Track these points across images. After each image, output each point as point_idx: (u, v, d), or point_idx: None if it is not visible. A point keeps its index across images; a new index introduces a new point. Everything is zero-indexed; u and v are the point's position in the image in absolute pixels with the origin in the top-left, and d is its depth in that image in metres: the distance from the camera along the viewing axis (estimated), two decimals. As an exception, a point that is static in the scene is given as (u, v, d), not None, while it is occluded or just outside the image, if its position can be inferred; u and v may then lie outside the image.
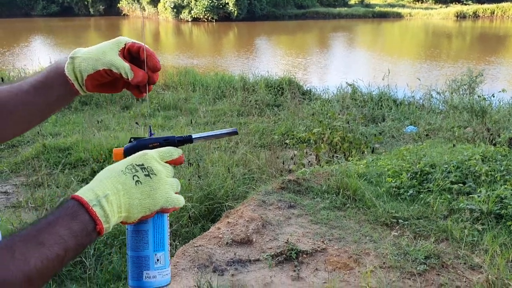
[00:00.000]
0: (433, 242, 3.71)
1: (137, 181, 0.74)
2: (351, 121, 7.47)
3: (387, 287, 3.14)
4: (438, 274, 3.33)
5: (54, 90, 0.93)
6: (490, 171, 4.77)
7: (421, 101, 10.25)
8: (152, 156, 0.77)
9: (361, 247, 3.64)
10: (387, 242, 3.70)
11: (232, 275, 3.29)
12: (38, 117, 0.97)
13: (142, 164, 0.76)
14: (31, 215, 5.05)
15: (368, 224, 4.04)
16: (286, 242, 3.64)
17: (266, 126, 8.68)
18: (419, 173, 4.85)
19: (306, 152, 7.34)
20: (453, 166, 4.90)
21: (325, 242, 3.70)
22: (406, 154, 5.50)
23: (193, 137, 0.87)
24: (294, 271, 3.33)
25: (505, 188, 4.35)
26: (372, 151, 6.80)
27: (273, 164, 6.36)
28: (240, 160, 6.62)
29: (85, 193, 0.71)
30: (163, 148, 0.81)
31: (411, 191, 4.56)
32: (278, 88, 11.31)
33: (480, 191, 4.39)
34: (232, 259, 3.44)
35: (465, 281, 3.25)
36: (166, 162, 0.80)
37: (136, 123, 7.94)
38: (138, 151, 0.79)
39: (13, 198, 5.82)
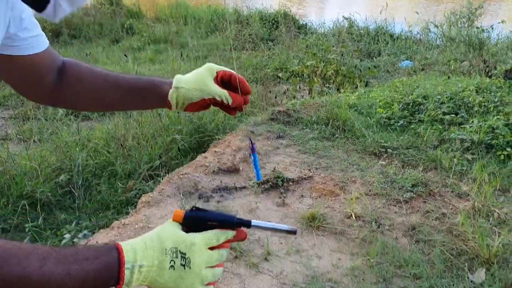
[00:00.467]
0: (421, 171, 3.68)
1: (172, 266, 0.78)
2: (346, 54, 7.27)
3: (372, 213, 3.14)
4: (425, 202, 3.32)
5: (148, 102, 1.10)
6: (484, 102, 4.68)
7: (418, 35, 9.99)
8: (198, 248, 0.80)
9: (348, 175, 3.62)
10: (374, 170, 3.67)
11: (218, 201, 3.27)
12: (120, 108, 1.17)
13: (185, 254, 0.79)
14: (19, 147, 4.99)
15: (356, 153, 4.00)
16: (273, 171, 3.60)
17: (260, 61, 8.49)
18: (411, 104, 4.76)
19: (300, 87, 7.21)
20: (446, 97, 4.81)
21: (312, 170, 3.67)
22: (399, 85, 5.39)
23: (252, 223, 0.88)
24: (280, 198, 3.31)
25: (498, 118, 4.28)
26: (366, 85, 6.67)
27: (265, 99, 6.25)
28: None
29: (128, 251, 0.76)
30: (212, 233, 0.83)
31: (401, 122, 4.49)
32: (273, 21, 10.97)
33: (472, 122, 4.33)
34: (218, 186, 3.42)
35: (451, 208, 3.25)
36: (213, 248, 0.83)
37: (125, 55, 7.72)
38: (196, 223, 0.83)
39: (1, 131, 5.75)
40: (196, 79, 1.06)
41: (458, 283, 2.54)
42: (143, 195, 3.40)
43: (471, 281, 2.55)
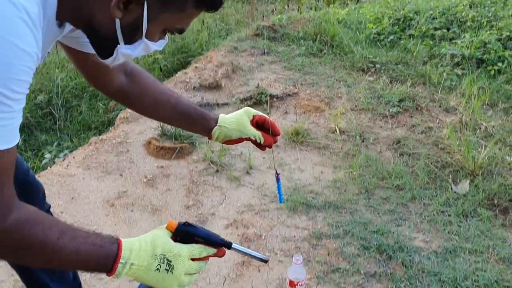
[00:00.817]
0: (409, 86, 3.58)
1: (157, 269, 0.92)
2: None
3: (357, 127, 3.07)
4: (411, 116, 3.25)
5: (193, 128, 1.33)
6: (477, 17, 4.49)
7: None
8: (182, 259, 0.94)
9: (334, 91, 3.51)
10: (361, 86, 3.55)
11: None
12: (167, 123, 1.44)
13: (170, 261, 0.93)
14: None
15: (344, 69, 3.87)
16: (257, 87, 3.48)
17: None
18: (402, 19, 4.57)
19: (288, 6, 6.91)
20: (439, 12, 4.61)
21: (297, 87, 3.55)
22: (390, 1, 5.15)
23: (232, 246, 1.03)
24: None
25: (490, 33, 4.12)
26: (357, 2, 6.40)
27: (251, 16, 5.99)
28: (217, 14, 6.21)
29: (125, 249, 0.90)
30: (196, 247, 0.97)
31: (391, 37, 4.32)
32: None
33: (464, 37, 4.17)
34: (199, 103, 3.30)
35: (438, 123, 3.18)
36: (194, 259, 0.97)
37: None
38: (185, 235, 0.98)
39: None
40: (237, 122, 1.28)
41: (441, 193, 2.52)
42: (121, 111, 3.29)
43: (455, 192, 2.53)
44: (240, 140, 1.31)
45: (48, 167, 2.75)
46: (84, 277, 1.87)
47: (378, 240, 2.16)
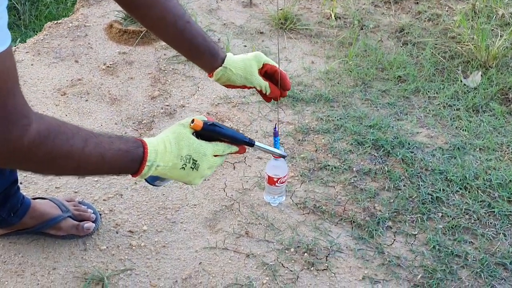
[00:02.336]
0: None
1: (183, 167, 0.91)
2: None
3: (355, 13, 2.65)
4: (417, 2, 2.82)
5: (197, 61, 1.17)
6: None
7: None
8: (207, 158, 0.94)
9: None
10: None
11: None
12: (172, 47, 1.19)
13: (196, 161, 0.92)
14: None
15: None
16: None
17: None
18: None
19: None
20: None
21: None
22: None
23: (255, 144, 1.04)
24: (247, -2, 2.78)
25: None
26: None
27: None
28: None
29: (151, 152, 0.87)
30: (221, 146, 0.97)
31: None
32: None
33: None
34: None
35: (447, 10, 2.76)
36: (217, 155, 0.97)
37: None
38: (211, 134, 0.96)
39: None
40: (244, 67, 1.13)
41: (449, 86, 2.18)
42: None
43: (464, 85, 2.19)
44: (243, 87, 1.18)
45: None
46: (25, 172, 1.56)
47: (374, 135, 1.84)
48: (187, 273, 1.34)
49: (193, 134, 0.94)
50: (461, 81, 2.21)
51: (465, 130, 1.92)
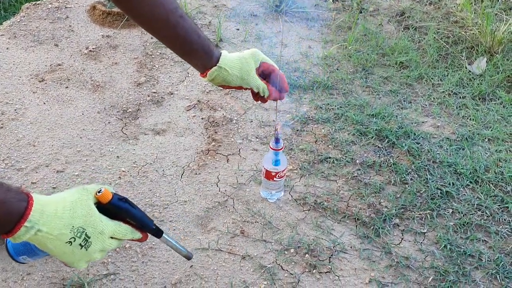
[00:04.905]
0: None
1: (70, 241, 0.73)
2: None
3: (353, -4, 2.51)
4: (417, -14, 2.69)
5: (189, 60, 1.04)
6: None
7: None
8: (103, 237, 0.77)
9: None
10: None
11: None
12: (164, 43, 1.03)
13: (89, 238, 0.76)
14: None
15: None
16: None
17: None
18: None
19: None
20: None
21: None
22: None
23: (163, 235, 0.89)
24: (239, -21, 2.62)
25: None
26: None
27: None
28: None
29: (36, 211, 0.70)
30: (124, 228, 0.80)
31: None
32: None
33: None
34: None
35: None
36: (114, 238, 0.80)
37: None
38: (117, 212, 0.79)
39: None
40: (241, 67, 1.04)
41: (453, 73, 2.06)
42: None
43: (469, 71, 2.07)
44: (239, 88, 1.07)
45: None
46: (-3, 167, 1.42)
47: (377, 125, 1.72)
48: (176, 277, 1.22)
49: (95, 204, 0.77)
50: (465, 68, 2.09)
51: (472, 119, 1.81)
